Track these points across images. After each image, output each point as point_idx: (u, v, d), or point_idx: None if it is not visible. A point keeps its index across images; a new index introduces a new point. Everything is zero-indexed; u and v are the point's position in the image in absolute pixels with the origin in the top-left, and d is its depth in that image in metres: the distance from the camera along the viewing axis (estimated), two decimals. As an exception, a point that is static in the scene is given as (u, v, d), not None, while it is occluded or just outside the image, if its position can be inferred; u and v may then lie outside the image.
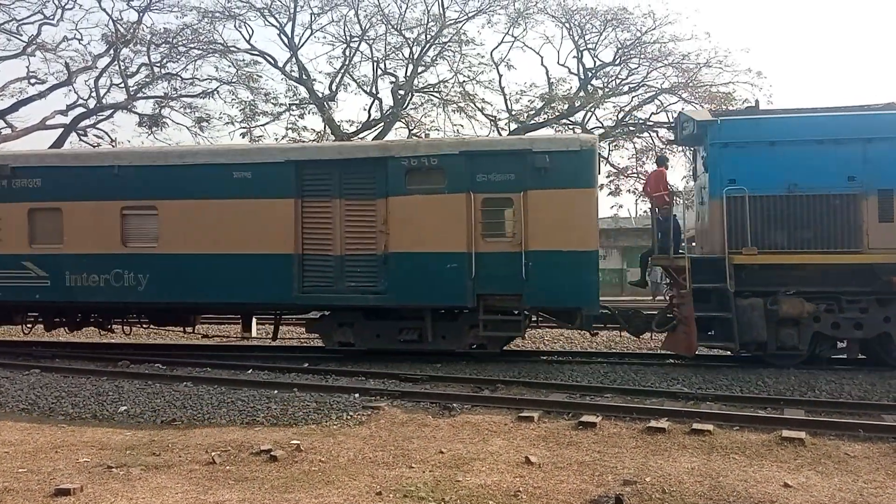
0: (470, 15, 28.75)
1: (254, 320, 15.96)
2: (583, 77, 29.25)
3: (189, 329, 14.81)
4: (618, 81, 29.10)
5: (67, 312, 14.25)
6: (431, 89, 29.50)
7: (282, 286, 12.60)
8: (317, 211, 12.65)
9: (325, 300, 12.75)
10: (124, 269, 13.12)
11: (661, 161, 13.76)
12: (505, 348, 13.73)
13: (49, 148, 25.17)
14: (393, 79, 29.38)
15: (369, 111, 29.44)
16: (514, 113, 29.15)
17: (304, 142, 27.69)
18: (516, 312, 12.38)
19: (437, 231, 12.11)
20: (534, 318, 13.11)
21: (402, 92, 28.82)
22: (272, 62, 29.37)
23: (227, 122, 29.69)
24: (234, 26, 29.08)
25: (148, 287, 13.04)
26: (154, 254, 13.07)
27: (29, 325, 14.92)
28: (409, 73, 28.93)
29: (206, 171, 12.94)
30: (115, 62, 28.08)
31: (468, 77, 29.11)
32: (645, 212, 13.73)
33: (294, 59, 29.09)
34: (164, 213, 13.04)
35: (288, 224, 12.58)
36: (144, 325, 14.66)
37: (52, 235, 13.45)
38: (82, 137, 28.85)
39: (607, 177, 28.78)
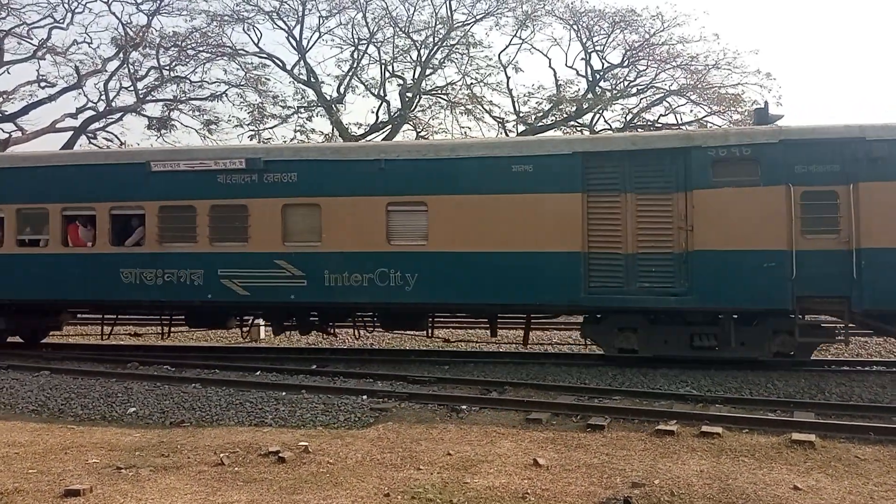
0: (478, 17, 28.81)
1: (261, 323, 16.06)
2: (591, 79, 29.22)
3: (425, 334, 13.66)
4: (626, 83, 29.09)
5: (298, 314, 13.50)
6: (439, 91, 29.56)
7: (566, 286, 11.74)
8: (604, 206, 11.77)
9: (616, 301, 11.78)
10: (390, 269, 12.32)
11: None
12: (513, 350, 13.71)
13: (60, 150, 25.27)
14: (401, 81, 29.48)
15: (377, 113, 29.57)
16: (521, 115, 29.18)
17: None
18: (836, 317, 11.61)
19: (751, 227, 11.18)
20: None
21: (409, 94, 28.89)
22: (280, 65, 29.51)
23: (236, 125, 29.84)
24: (243, 29, 29.29)
25: (416, 288, 12.20)
26: (423, 252, 12.26)
27: (246, 330, 14.32)
28: (416, 76, 29.01)
29: (481, 164, 12.18)
30: (125, 65, 28.26)
31: (476, 79, 29.19)
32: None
33: (302, 62, 29.22)
34: (435, 209, 12.22)
35: (573, 220, 11.74)
36: (370, 330, 13.93)
37: (309, 233, 12.64)
38: (92, 140, 29.05)
39: None
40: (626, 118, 28.91)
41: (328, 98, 29.25)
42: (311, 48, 29.62)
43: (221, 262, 12.86)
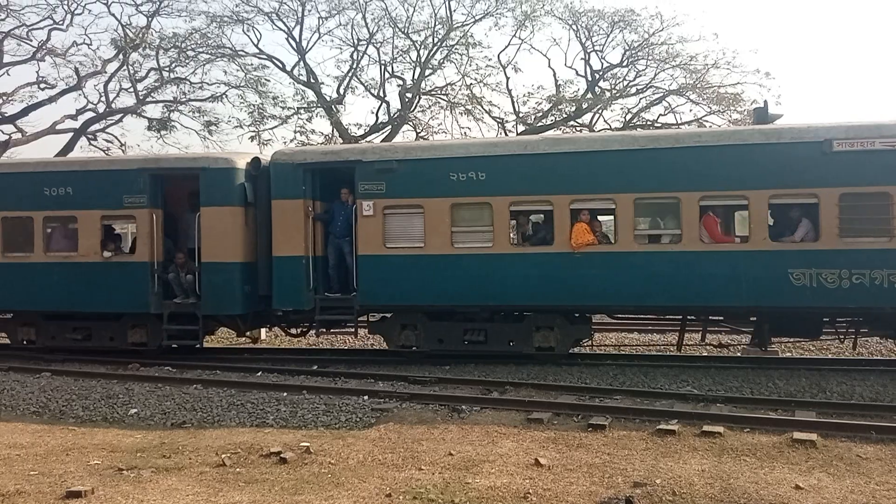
0: (477, 18, 28.74)
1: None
2: (590, 79, 29.20)
3: None
4: (625, 83, 29.05)
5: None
6: (439, 92, 29.53)
7: None
8: None
9: None
10: None
11: None
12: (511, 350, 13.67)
13: (56, 155, 25.20)
14: (400, 82, 29.43)
15: (377, 114, 29.52)
16: (521, 115, 29.15)
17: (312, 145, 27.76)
18: None
19: None
20: None
21: (409, 95, 28.87)
22: (280, 66, 29.46)
23: (236, 126, 29.79)
24: (243, 30, 29.18)
25: None
26: None
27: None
28: (416, 76, 28.97)
29: None
30: (125, 67, 28.19)
31: (475, 80, 29.13)
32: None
33: (302, 63, 29.17)
34: None
35: None
36: None
37: None
38: (92, 142, 29.02)
39: None
40: (625, 118, 28.91)
41: (328, 99, 29.22)
42: (310, 49, 29.60)
43: None
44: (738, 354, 13.12)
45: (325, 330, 13.41)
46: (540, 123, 28.59)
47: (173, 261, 13.26)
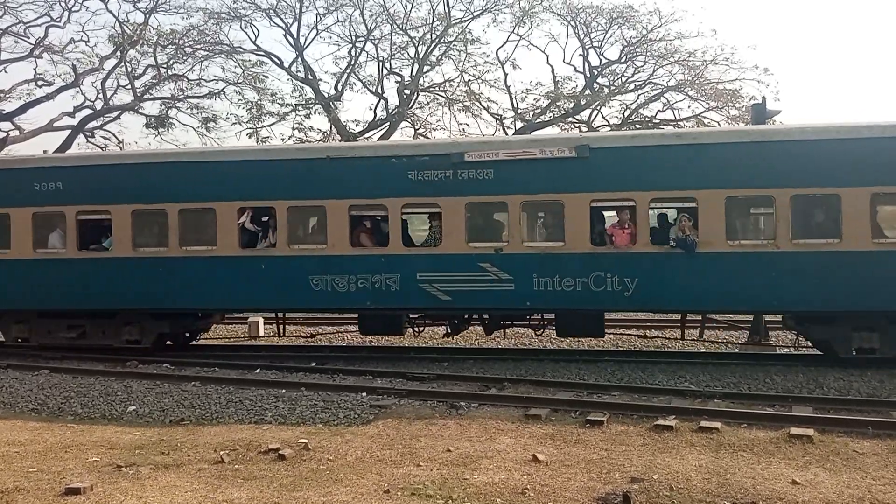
0: (475, 14, 28.76)
1: (261, 321, 16.07)
2: (588, 75, 29.21)
3: None
4: (624, 79, 29.08)
5: None
6: (437, 88, 29.54)
7: None
8: None
9: None
10: None
11: None
12: (512, 346, 13.69)
13: (55, 151, 25.16)
14: (398, 78, 29.45)
15: (375, 111, 29.53)
16: (519, 111, 29.16)
17: (310, 142, 27.74)
18: None
19: None
20: None
21: (407, 91, 28.86)
22: (278, 62, 29.45)
23: (234, 123, 29.79)
24: (240, 27, 29.21)
25: None
26: None
27: None
28: (414, 73, 28.97)
29: None
30: (122, 64, 28.18)
31: (473, 76, 29.15)
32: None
33: (300, 60, 29.16)
34: None
35: None
36: None
37: None
38: (89, 139, 28.99)
39: None
40: (623, 114, 28.93)
41: (326, 95, 29.22)
42: (308, 46, 29.60)
43: None
44: (736, 350, 13.13)
45: None
46: (538, 120, 28.62)
47: None
